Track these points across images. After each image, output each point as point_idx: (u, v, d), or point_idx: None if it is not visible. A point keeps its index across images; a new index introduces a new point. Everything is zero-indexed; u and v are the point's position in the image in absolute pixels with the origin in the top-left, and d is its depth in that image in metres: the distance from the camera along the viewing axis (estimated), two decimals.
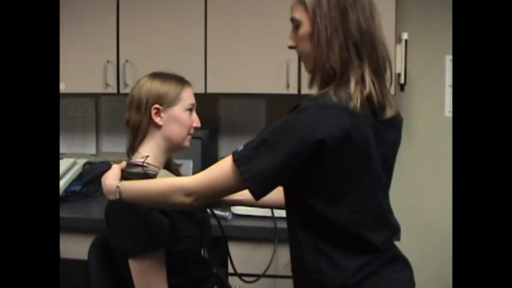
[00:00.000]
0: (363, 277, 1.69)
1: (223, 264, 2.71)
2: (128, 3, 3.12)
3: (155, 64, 2.97)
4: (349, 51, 1.64)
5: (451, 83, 3.36)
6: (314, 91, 2.43)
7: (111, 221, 1.94)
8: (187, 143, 2.11)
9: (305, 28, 1.69)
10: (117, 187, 1.75)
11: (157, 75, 2.08)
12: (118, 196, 1.75)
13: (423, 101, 3.41)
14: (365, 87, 1.63)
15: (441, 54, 3.37)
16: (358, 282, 1.68)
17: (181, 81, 2.08)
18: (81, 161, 3.36)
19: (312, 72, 1.74)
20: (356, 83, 1.62)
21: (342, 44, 1.63)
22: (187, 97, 2.07)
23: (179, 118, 2.04)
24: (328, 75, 1.66)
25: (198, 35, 3.08)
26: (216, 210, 2.78)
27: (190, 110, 2.08)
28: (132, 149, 2.07)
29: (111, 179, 1.80)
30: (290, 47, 1.78)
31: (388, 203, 1.82)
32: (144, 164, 1.94)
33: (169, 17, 3.10)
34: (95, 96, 3.66)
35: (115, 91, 3.18)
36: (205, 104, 3.54)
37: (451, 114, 3.37)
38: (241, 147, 1.64)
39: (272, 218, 2.67)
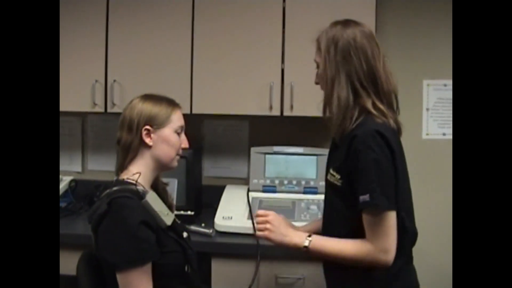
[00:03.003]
0: (401, 266, 2.01)
1: (206, 282, 2.76)
2: (117, 24, 3.17)
3: (143, 85, 3.07)
4: (354, 85, 2.00)
5: (428, 107, 3.46)
6: (295, 113, 2.62)
7: (99, 234, 1.98)
8: (175, 163, 2.18)
9: (320, 69, 2.10)
10: (308, 240, 2.05)
11: (148, 97, 2.15)
12: (306, 244, 2.05)
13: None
14: (382, 111, 2.01)
15: (418, 79, 3.47)
16: (399, 270, 1.99)
17: (172, 104, 2.16)
18: (67, 178, 3.39)
19: (325, 103, 2.12)
20: (374, 109, 2.00)
21: (346, 81, 2.00)
22: (177, 119, 2.15)
23: (169, 139, 2.12)
24: (338, 105, 2.00)
25: (185, 57, 3.13)
26: (199, 227, 2.85)
27: (179, 131, 2.16)
28: (122, 167, 2.13)
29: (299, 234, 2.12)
30: (316, 83, 2.17)
31: None
32: (137, 183, 2.03)
33: (157, 39, 3.15)
34: (82, 115, 3.71)
35: (102, 110, 3.21)
36: (190, 124, 3.60)
37: (428, 137, 3.47)
38: (366, 198, 1.90)
39: (255, 235, 2.74)
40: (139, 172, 2.07)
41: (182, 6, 3.13)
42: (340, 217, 2.07)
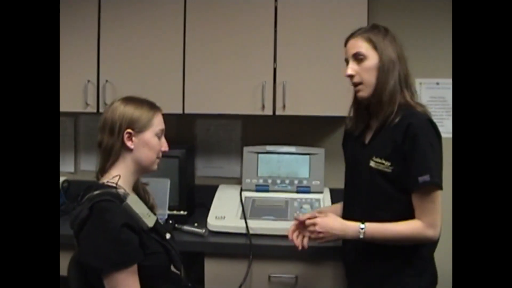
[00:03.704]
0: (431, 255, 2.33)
1: (200, 281, 2.77)
2: (109, 24, 3.16)
3: (135, 85, 3.06)
4: (401, 82, 2.23)
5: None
6: (287, 112, 2.67)
7: (81, 239, 1.96)
8: (155, 167, 2.18)
9: (372, 61, 2.23)
10: (362, 228, 2.20)
11: (130, 100, 2.13)
12: (362, 236, 2.20)
13: None
14: (419, 104, 2.26)
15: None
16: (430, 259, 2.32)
17: (153, 107, 2.15)
18: (60, 179, 3.39)
19: (371, 95, 2.25)
20: (412, 101, 2.23)
21: (397, 77, 2.22)
22: (158, 123, 2.14)
23: (149, 143, 2.11)
24: (390, 99, 2.20)
25: (177, 57, 3.12)
26: (192, 227, 2.85)
27: (160, 135, 2.16)
28: (103, 170, 2.12)
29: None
30: (350, 75, 2.27)
31: None
32: (118, 186, 2.02)
33: (149, 39, 3.14)
34: (74, 115, 3.70)
35: (94, 110, 3.20)
36: (183, 124, 3.61)
37: None
38: (426, 178, 2.12)
39: (247, 235, 2.75)
40: (119, 174, 2.06)
41: (174, 6, 3.12)
42: (388, 199, 2.24)
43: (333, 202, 3.02)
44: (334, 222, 2.29)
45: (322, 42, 3.06)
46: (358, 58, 2.25)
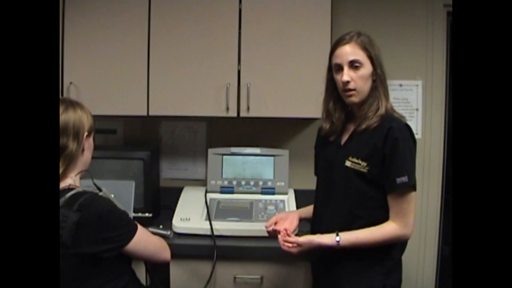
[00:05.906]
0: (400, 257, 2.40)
1: (165, 283, 2.77)
2: (73, 26, 3.13)
3: (99, 87, 3.05)
4: (384, 89, 2.32)
5: None
6: (251, 114, 2.69)
7: (83, 238, 1.91)
8: None
9: (367, 70, 2.28)
10: (337, 240, 2.23)
11: (74, 103, 2.13)
12: (337, 244, 2.22)
13: None
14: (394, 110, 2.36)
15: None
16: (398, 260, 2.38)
17: (89, 112, 2.18)
18: None
19: (362, 102, 2.31)
20: (389, 105, 2.33)
21: (384, 81, 2.32)
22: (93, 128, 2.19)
23: (91, 146, 2.17)
24: (376, 101, 2.29)
25: (141, 59, 3.11)
26: (157, 229, 2.85)
27: None
28: (63, 175, 2.06)
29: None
30: (347, 82, 2.27)
31: None
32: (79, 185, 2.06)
33: (113, 41, 3.12)
34: None
35: None
36: (147, 126, 3.60)
37: None
38: (404, 179, 2.20)
39: (212, 236, 2.76)
40: (81, 170, 2.11)
41: (138, 8, 3.11)
42: (363, 198, 2.29)
43: (297, 202, 3.05)
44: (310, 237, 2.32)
45: (286, 44, 3.08)
46: (355, 65, 2.27)
